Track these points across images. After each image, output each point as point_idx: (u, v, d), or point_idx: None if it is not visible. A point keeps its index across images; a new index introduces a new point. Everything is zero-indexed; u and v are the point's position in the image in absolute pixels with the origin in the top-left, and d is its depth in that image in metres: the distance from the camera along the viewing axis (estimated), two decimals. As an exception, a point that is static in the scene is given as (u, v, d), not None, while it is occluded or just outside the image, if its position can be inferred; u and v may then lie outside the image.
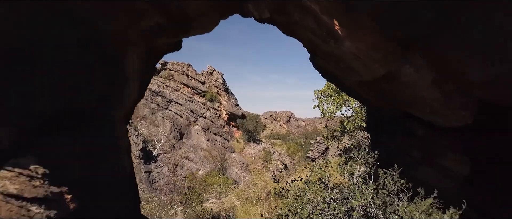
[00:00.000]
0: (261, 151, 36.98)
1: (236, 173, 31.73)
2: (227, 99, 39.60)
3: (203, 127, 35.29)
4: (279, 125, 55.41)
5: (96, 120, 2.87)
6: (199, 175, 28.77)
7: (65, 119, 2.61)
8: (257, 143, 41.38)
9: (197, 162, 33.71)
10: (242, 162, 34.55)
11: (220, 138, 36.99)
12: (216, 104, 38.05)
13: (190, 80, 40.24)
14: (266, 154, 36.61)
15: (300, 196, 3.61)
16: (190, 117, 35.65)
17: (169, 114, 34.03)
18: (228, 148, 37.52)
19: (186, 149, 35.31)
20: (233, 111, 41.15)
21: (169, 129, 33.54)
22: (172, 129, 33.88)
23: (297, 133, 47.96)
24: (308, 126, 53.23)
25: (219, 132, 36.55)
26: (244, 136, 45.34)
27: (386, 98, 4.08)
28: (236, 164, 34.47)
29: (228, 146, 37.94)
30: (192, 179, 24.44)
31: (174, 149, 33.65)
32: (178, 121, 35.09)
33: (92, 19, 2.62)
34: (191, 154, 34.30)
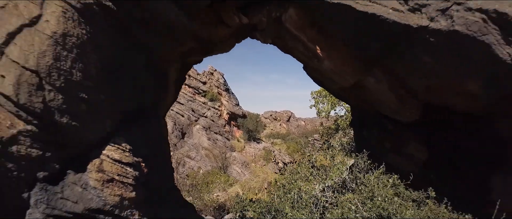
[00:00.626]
0: (262, 150, 38.09)
1: (237, 172, 32.88)
2: (228, 99, 40.66)
3: (204, 127, 36.50)
4: (279, 125, 56.25)
5: (151, 116, 4.27)
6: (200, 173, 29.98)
7: (135, 115, 4.00)
8: (258, 142, 42.27)
9: (198, 160, 34.91)
10: (243, 161, 35.72)
11: (221, 137, 38.09)
12: (217, 103, 39.25)
13: (191, 80, 41.25)
14: (266, 153, 37.79)
15: (293, 173, 5.00)
16: (192, 117, 36.85)
17: (170, 114, 35.19)
18: (229, 147, 38.57)
19: (188, 148, 36.48)
20: (234, 110, 42.07)
21: (171, 128, 34.71)
22: (174, 128, 35.07)
23: (297, 132, 48.97)
24: (308, 125, 54.23)
25: (220, 131, 37.68)
26: (245, 135, 46.05)
27: (360, 100, 5.50)
28: (237, 163, 35.59)
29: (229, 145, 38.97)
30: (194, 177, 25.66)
31: (176, 148, 34.80)
32: (180, 121, 36.28)
33: (152, 47, 3.99)
34: (193, 153, 35.50)
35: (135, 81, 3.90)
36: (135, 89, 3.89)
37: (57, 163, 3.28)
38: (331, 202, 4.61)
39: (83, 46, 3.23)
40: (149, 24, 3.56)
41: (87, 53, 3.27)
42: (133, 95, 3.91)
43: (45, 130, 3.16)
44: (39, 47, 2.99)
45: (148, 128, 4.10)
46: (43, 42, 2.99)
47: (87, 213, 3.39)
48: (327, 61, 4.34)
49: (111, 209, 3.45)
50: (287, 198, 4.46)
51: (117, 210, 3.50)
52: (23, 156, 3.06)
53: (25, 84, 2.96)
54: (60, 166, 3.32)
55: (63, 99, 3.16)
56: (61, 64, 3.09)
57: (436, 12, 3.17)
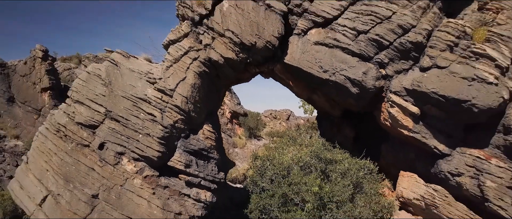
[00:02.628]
0: (262, 147, 43.51)
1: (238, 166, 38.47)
2: (230, 98, 45.88)
3: (209, 124, 41.69)
4: (279, 123, 61.32)
5: (215, 113, 10.23)
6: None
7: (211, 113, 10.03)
8: (258, 139, 47.04)
9: (204, 155, 40.14)
10: (244, 157, 41.29)
11: (223, 135, 43.37)
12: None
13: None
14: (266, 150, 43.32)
15: (278, 148, 10.95)
16: (197, 115, 42.02)
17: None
18: (231, 143, 43.83)
19: (194, 144, 41.73)
20: (236, 109, 46.97)
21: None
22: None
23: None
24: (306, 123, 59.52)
25: (223, 128, 43.02)
26: (246, 133, 50.77)
27: (316, 105, 11.54)
28: (238, 159, 41.17)
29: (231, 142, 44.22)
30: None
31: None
32: (187, 119, 41.45)
33: (218, 84, 10.01)
34: (199, 148, 40.71)
35: (211, 98, 9.89)
36: (212, 101, 9.90)
37: (188, 130, 9.28)
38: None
39: (199, 86, 9.22)
40: (219, 76, 9.61)
41: (200, 89, 9.26)
42: (211, 104, 9.91)
43: (186, 118, 9.16)
44: (187, 88, 8.99)
45: (215, 119, 10.07)
46: (188, 87, 9.00)
47: (198, 150, 9.38)
48: (295, 88, 10.38)
49: (207, 149, 9.45)
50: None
51: (209, 150, 9.50)
52: (179, 128, 9.06)
53: (180, 102, 8.99)
54: (189, 132, 9.33)
55: (193, 106, 9.16)
56: (193, 94, 9.10)
57: (330, 73, 9.17)
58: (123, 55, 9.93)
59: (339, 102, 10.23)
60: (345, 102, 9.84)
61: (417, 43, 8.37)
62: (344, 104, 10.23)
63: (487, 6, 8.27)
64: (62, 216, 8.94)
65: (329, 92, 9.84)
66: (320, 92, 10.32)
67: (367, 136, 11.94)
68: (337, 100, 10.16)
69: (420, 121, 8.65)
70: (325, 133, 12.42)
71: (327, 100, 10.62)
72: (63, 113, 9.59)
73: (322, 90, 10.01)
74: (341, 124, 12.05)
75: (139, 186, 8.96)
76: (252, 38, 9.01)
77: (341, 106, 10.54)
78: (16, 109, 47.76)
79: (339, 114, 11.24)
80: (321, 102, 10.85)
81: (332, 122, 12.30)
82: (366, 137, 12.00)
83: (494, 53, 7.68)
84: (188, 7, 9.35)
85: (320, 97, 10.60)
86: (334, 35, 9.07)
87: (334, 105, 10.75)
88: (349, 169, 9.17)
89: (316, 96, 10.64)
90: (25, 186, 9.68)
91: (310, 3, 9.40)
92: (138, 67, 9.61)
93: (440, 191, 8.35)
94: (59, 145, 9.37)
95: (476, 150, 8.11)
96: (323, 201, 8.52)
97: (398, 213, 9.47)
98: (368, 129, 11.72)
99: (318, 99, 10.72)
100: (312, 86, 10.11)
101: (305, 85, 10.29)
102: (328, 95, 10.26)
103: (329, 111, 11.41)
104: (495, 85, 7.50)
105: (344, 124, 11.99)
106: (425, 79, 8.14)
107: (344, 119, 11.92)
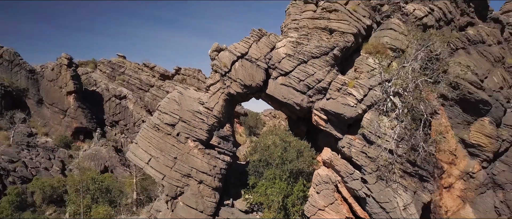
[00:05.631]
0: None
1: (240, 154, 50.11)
2: (232, 100, 57.25)
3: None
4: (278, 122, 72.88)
5: (231, 119, 22.25)
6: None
7: (228, 120, 22.06)
8: (257, 137, 58.05)
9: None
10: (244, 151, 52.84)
11: (227, 132, 55.13)
12: (224, 104, 55.99)
13: (200, 83, 58.76)
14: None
15: (264, 135, 22.83)
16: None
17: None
18: (234, 140, 55.41)
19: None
20: (237, 109, 57.99)
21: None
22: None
23: (292, 128, 65.41)
24: (302, 122, 70.50)
25: (227, 127, 54.63)
26: (246, 131, 61.83)
27: (284, 113, 23.79)
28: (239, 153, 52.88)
29: (233, 139, 55.80)
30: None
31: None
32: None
33: (233, 104, 22.06)
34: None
35: (230, 111, 21.95)
36: (230, 113, 21.89)
37: (219, 127, 21.32)
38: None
39: (224, 105, 21.32)
40: (233, 100, 21.76)
41: (224, 107, 21.18)
42: (229, 114, 21.86)
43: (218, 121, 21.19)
44: (219, 107, 21.14)
45: (231, 121, 21.99)
46: (219, 106, 21.17)
47: (224, 136, 21.64)
48: (272, 105, 22.53)
49: (227, 136, 21.67)
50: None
51: (228, 136, 21.74)
52: (215, 126, 21.20)
53: (216, 113, 21.24)
54: (219, 127, 21.41)
55: (221, 115, 20.93)
56: (222, 110, 21.05)
57: (287, 99, 21.31)
58: (183, 88, 22.38)
59: (293, 112, 22.56)
60: (295, 112, 22.15)
61: (325, 87, 20.56)
62: (295, 113, 22.55)
63: (357, 70, 20.48)
64: (160, 169, 21.38)
65: (287, 107, 22.07)
66: (284, 107, 22.58)
67: (313, 130, 24.19)
68: (292, 111, 22.48)
69: (328, 122, 20.90)
70: (291, 128, 24.72)
71: (288, 111, 22.88)
72: (156, 117, 22.02)
73: (285, 106, 22.27)
74: (298, 123, 24.22)
75: (196, 154, 21.37)
76: (249, 82, 21.24)
77: (295, 114, 22.89)
78: (44, 110, 61.38)
79: (295, 118, 23.46)
80: (286, 112, 22.97)
81: (294, 122, 24.51)
82: (312, 131, 24.26)
83: (356, 92, 19.87)
84: (218, 66, 21.67)
85: (285, 109, 22.78)
86: (289, 80, 21.24)
87: (292, 113, 22.92)
88: (296, 145, 21.53)
89: (283, 109, 22.79)
90: (138, 154, 22.10)
91: (279, 63, 21.66)
92: (193, 95, 21.99)
93: (334, 155, 20.59)
94: (155, 134, 21.76)
95: (351, 135, 20.29)
96: (282, 160, 20.92)
97: (321, 167, 21.75)
98: (314, 127, 24.03)
99: (284, 110, 22.79)
100: (280, 104, 22.37)
101: (277, 104, 22.47)
102: (287, 109, 22.53)
103: (291, 116, 23.68)
104: (355, 106, 19.72)
105: (300, 123, 24.14)
106: (327, 103, 20.30)
107: (299, 120, 24.17)
